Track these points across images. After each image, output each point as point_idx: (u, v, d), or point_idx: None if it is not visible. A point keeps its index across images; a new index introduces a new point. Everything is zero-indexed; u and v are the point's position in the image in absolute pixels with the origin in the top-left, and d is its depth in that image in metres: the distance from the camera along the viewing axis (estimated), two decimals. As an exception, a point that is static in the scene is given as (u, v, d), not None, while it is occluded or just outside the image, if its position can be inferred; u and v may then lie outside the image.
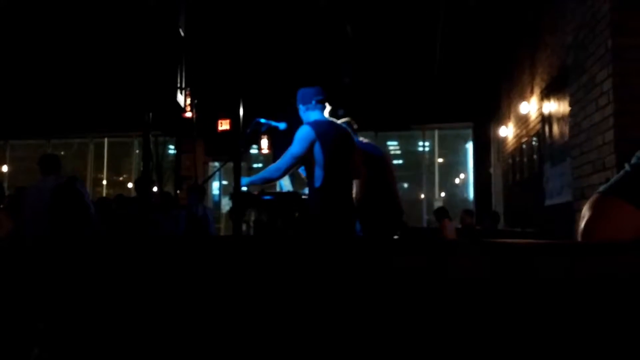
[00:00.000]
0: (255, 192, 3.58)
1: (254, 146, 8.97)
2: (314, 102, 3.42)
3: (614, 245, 0.76)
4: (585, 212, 1.02)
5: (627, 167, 1.02)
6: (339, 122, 3.65)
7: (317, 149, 3.24)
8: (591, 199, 1.04)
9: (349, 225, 3.37)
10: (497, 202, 9.06)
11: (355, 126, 3.99)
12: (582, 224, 1.01)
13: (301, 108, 3.47)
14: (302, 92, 3.49)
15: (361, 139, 4.21)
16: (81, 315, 0.91)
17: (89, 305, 0.90)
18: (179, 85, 2.99)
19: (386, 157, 4.24)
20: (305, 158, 3.28)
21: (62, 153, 11.16)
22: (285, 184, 3.80)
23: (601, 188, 1.04)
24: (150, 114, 3.14)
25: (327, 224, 3.20)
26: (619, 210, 0.97)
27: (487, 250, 0.77)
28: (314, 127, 3.29)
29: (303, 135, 3.27)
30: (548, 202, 5.72)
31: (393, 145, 13.84)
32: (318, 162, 3.25)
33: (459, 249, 0.78)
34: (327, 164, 3.24)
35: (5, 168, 11.21)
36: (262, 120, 3.75)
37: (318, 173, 3.25)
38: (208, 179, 7.16)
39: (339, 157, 3.32)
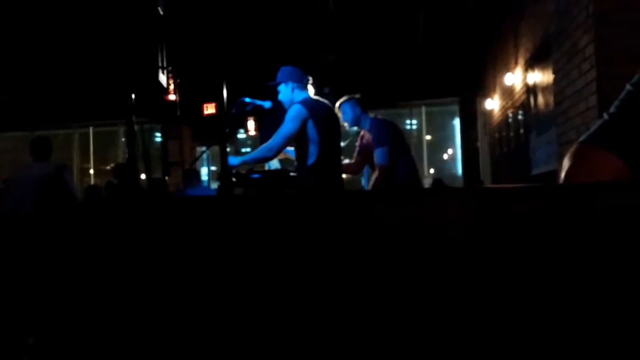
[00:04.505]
0: (243, 171, 3.58)
1: (241, 130, 8.95)
2: (305, 81, 3.47)
3: (590, 186, 0.77)
4: (566, 162, 1.03)
5: (605, 116, 1.03)
6: (357, 95, 3.92)
7: (311, 126, 3.28)
8: (571, 149, 1.04)
9: None
10: (485, 175, 9.12)
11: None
12: (562, 174, 1.02)
13: (289, 85, 3.45)
14: (292, 70, 3.48)
15: (372, 115, 4.19)
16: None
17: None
18: (160, 64, 2.96)
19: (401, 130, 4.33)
20: (297, 136, 3.31)
21: (47, 144, 11.03)
22: (273, 162, 3.80)
23: (581, 138, 1.05)
24: (133, 96, 3.11)
25: None
26: (598, 157, 0.98)
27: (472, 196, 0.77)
28: (305, 105, 3.32)
29: (295, 113, 3.29)
30: (535, 172, 5.77)
31: (380, 124, 13.81)
32: (312, 139, 3.29)
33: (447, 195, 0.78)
34: (321, 141, 3.29)
35: (-11, 161, 11.10)
36: (247, 100, 3.74)
37: (312, 150, 3.30)
38: (194, 162, 7.13)
39: (331, 134, 3.38)
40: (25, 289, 3.52)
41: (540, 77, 5.48)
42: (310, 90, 3.52)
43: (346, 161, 4.23)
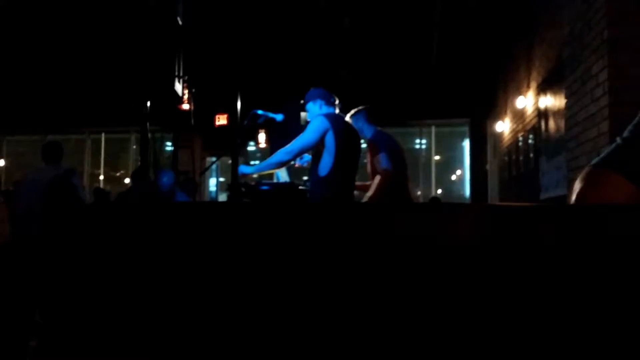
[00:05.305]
0: (252, 183, 3.60)
1: (251, 142, 8.99)
2: (332, 100, 3.61)
3: (602, 207, 0.78)
4: (577, 185, 1.04)
5: (618, 140, 1.04)
6: (361, 108, 4.03)
7: (330, 137, 3.34)
8: (583, 172, 1.05)
9: None
10: (493, 197, 9.09)
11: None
12: (574, 196, 1.03)
13: (317, 102, 3.58)
14: (319, 90, 3.63)
15: (379, 128, 4.20)
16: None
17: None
18: (176, 74, 3.00)
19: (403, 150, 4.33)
20: (316, 147, 3.40)
21: (59, 149, 11.13)
22: (282, 175, 3.82)
23: (593, 161, 1.06)
24: (148, 104, 3.15)
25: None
26: (610, 181, 0.99)
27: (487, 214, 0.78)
28: (328, 117, 3.42)
29: (317, 124, 3.38)
30: (544, 196, 5.75)
31: (390, 142, 13.81)
32: (329, 150, 3.35)
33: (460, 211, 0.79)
34: (337, 154, 3.34)
35: (2, 162, 11.22)
36: (259, 112, 3.78)
37: (327, 161, 3.34)
38: (203, 172, 7.17)
39: (348, 150, 3.43)
40: (29, 292, 3.54)
41: (552, 101, 5.49)
42: (336, 110, 3.66)
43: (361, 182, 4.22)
